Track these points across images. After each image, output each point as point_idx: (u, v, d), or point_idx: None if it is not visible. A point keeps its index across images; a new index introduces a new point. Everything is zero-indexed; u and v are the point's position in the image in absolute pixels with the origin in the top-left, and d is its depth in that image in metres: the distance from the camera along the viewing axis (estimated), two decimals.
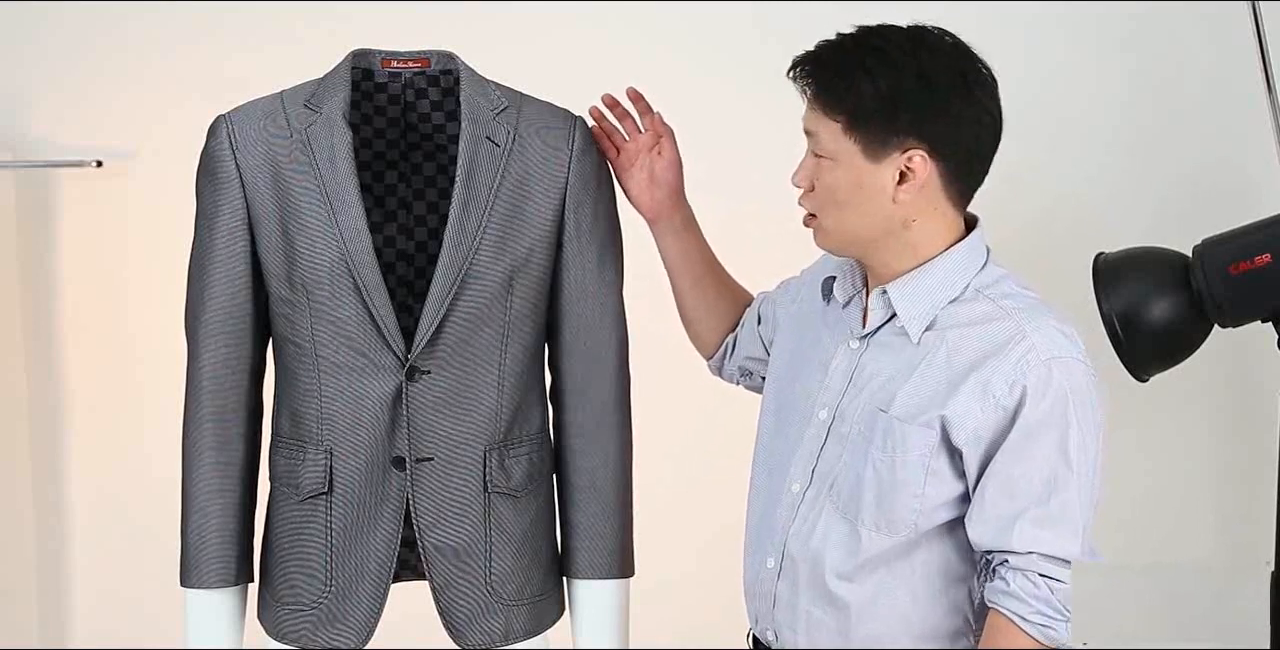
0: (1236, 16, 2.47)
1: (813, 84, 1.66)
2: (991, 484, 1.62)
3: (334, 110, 1.81)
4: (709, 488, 2.85)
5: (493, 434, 1.86)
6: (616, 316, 1.95)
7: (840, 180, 1.66)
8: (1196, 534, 2.84)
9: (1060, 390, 1.60)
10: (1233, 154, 2.71)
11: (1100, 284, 2.25)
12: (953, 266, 1.67)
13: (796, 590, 1.74)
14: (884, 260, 1.70)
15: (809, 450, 1.75)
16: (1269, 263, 2.15)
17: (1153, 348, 2.24)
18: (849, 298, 1.77)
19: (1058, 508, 1.61)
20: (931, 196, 1.66)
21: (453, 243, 1.80)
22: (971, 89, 1.63)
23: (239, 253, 1.83)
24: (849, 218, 1.67)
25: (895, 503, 1.65)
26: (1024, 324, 1.62)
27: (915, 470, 1.64)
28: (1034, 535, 1.61)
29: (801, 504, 1.74)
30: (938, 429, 1.63)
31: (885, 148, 1.63)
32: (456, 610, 1.88)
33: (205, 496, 1.86)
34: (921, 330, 1.67)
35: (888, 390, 1.68)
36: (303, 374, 1.84)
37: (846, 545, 1.69)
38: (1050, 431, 1.60)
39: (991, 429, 1.61)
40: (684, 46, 2.79)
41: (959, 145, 1.64)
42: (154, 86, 2.89)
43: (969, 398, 1.61)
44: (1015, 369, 1.60)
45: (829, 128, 1.65)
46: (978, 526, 1.64)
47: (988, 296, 1.66)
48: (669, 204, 1.97)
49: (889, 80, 1.61)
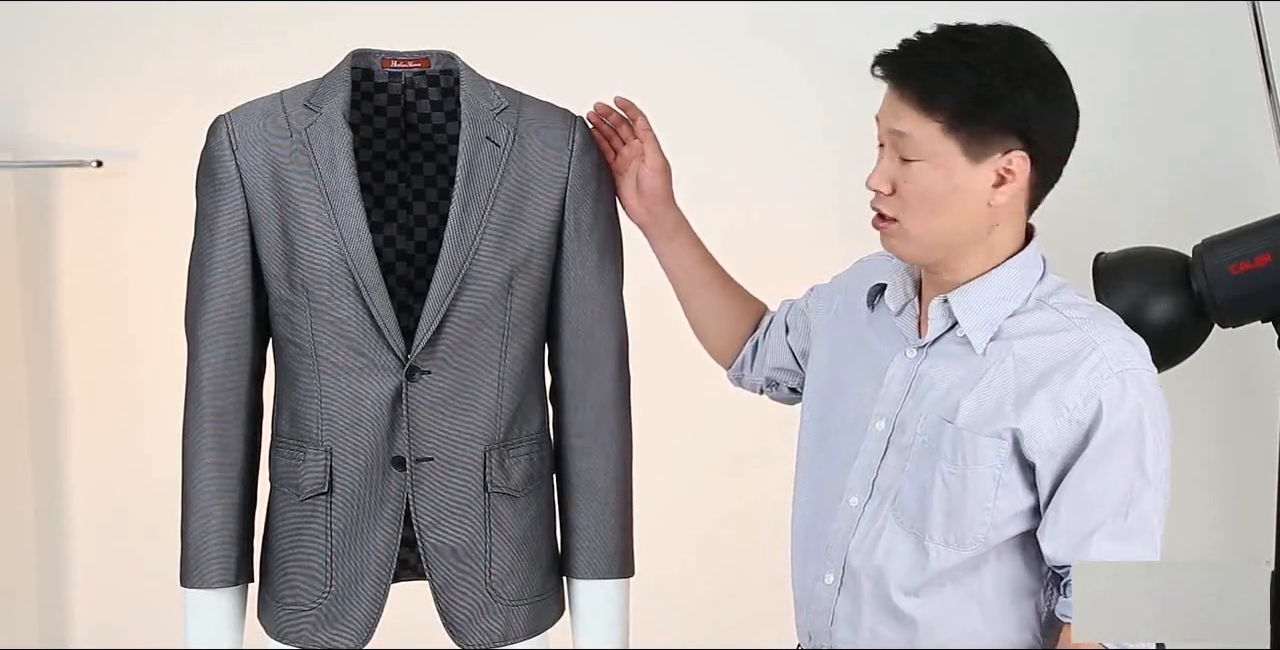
0: (1236, 16, 2.47)
1: (907, 81, 1.60)
2: (1067, 498, 1.59)
3: (334, 110, 1.81)
4: (709, 488, 2.86)
5: (493, 434, 1.86)
6: (616, 316, 1.95)
7: (937, 182, 1.60)
8: (1196, 534, 2.84)
9: (1134, 402, 1.57)
10: (1233, 154, 2.70)
11: (1100, 284, 2.25)
12: (1012, 276, 1.65)
13: (859, 606, 1.70)
14: (957, 266, 1.66)
15: (867, 462, 1.71)
16: (1269, 263, 2.15)
17: (1153, 348, 2.24)
18: (902, 306, 1.73)
19: (1136, 520, 1.58)
20: (1017, 201, 1.63)
21: (453, 243, 1.80)
22: (1064, 83, 1.61)
23: (239, 253, 1.83)
24: (940, 221, 1.62)
25: (965, 516, 1.62)
26: (1093, 335, 1.60)
27: (986, 482, 1.61)
28: (1110, 549, 1.58)
29: (862, 517, 1.70)
30: (1009, 441, 1.60)
31: (987, 148, 1.58)
32: (456, 610, 1.88)
33: (205, 497, 1.86)
34: (986, 340, 1.63)
35: (951, 400, 1.64)
36: (303, 374, 1.84)
37: (913, 560, 1.65)
38: (1126, 445, 1.57)
39: (1066, 443, 1.58)
40: (684, 46, 2.79)
41: (1056, 144, 1.61)
42: (154, 86, 2.89)
43: (1041, 411, 1.58)
44: (1088, 382, 1.57)
45: (926, 129, 1.59)
46: (1052, 541, 1.60)
47: (1052, 306, 1.64)
48: (657, 210, 1.96)
49: (992, 76, 1.56)
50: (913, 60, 1.60)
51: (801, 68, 2.75)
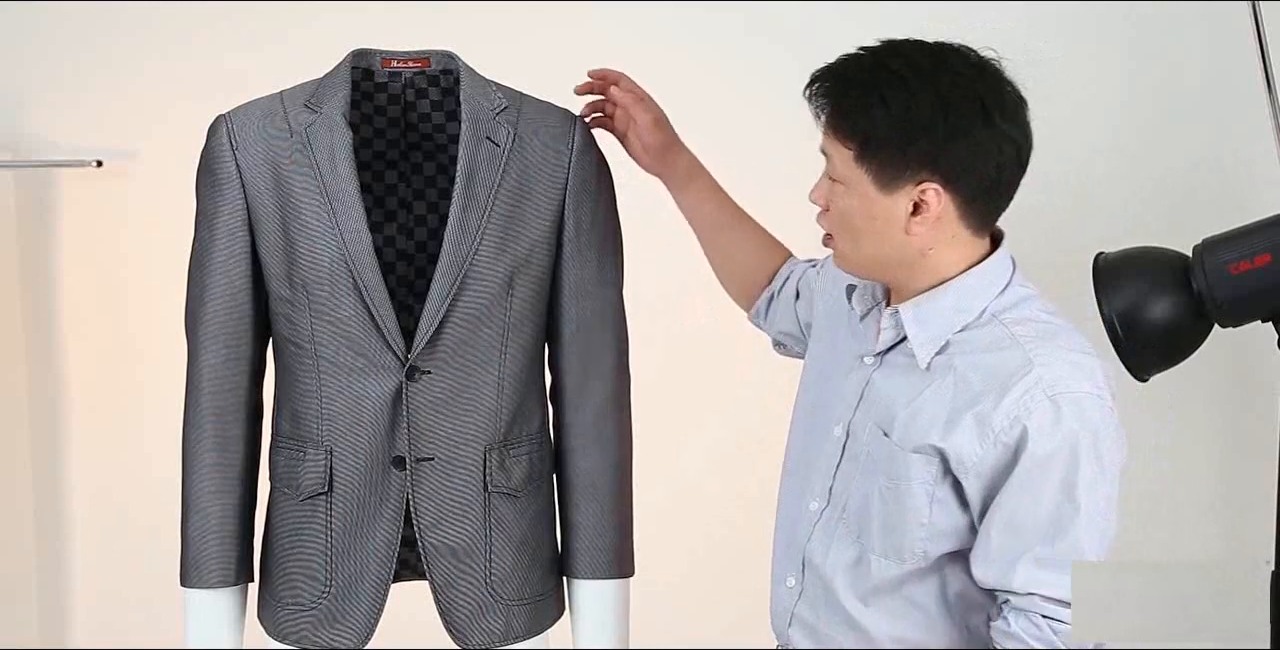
0: (1236, 16, 2.47)
1: (827, 106, 1.58)
2: (996, 521, 1.55)
3: (334, 110, 1.81)
4: (709, 488, 2.86)
5: (493, 434, 1.86)
6: (616, 316, 1.95)
7: (853, 207, 1.59)
8: (1196, 534, 2.84)
9: (1069, 428, 1.52)
10: (1233, 154, 2.70)
11: (1100, 284, 2.24)
12: (968, 291, 1.60)
13: (816, 611, 1.70)
14: (903, 283, 1.64)
15: (826, 467, 1.70)
16: (1269, 263, 2.15)
17: (1153, 348, 2.24)
18: (867, 310, 1.72)
19: (1065, 548, 1.54)
20: (948, 227, 1.58)
21: (453, 243, 1.80)
22: (991, 116, 1.53)
23: (239, 253, 1.83)
24: (863, 245, 1.61)
25: (902, 530, 1.60)
26: (1033, 354, 1.54)
27: (920, 497, 1.59)
28: (1036, 577, 1.54)
29: (819, 523, 1.70)
30: (938, 458, 1.57)
31: (898, 179, 1.55)
32: (456, 610, 1.88)
33: (205, 496, 1.86)
34: (930, 355, 1.60)
35: (890, 412, 1.62)
36: (303, 374, 1.84)
37: (860, 569, 1.65)
38: (1056, 470, 1.53)
39: (992, 464, 1.55)
40: (684, 46, 2.79)
41: (977, 176, 1.55)
42: (154, 86, 2.89)
43: (968, 432, 1.55)
44: (1018, 404, 1.53)
45: (842, 154, 1.58)
46: (980, 565, 1.58)
47: (1002, 321, 1.59)
48: (667, 159, 1.95)
49: (903, 108, 1.52)
50: (831, 86, 1.58)
51: (801, 68, 2.74)
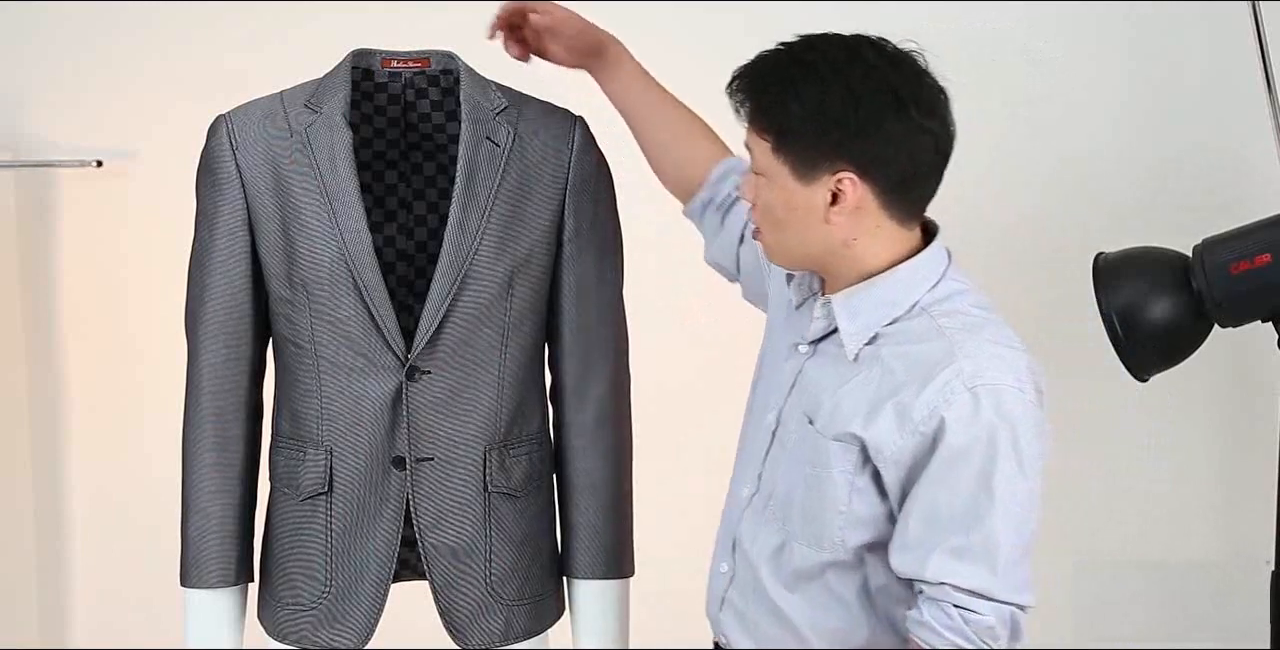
0: (1236, 16, 2.47)
1: (746, 101, 1.60)
2: (913, 511, 1.56)
3: (334, 110, 1.81)
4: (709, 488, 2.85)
5: (493, 434, 1.86)
6: (616, 316, 1.95)
7: (775, 199, 1.61)
8: (1196, 534, 2.84)
9: (987, 419, 1.52)
10: (1233, 154, 2.70)
11: (1100, 284, 2.25)
12: (899, 284, 1.61)
13: (745, 598, 1.71)
14: (833, 274, 1.65)
15: (757, 454, 1.72)
16: (1269, 263, 2.15)
17: (1153, 347, 2.24)
18: (803, 299, 1.73)
19: (979, 540, 1.53)
20: (870, 216, 1.59)
21: (453, 243, 1.80)
22: (906, 107, 1.54)
23: (239, 252, 1.83)
24: (786, 236, 1.62)
25: (822, 518, 1.61)
26: (956, 347, 1.55)
27: (840, 486, 1.60)
28: (949, 567, 1.54)
29: (748, 509, 1.71)
30: (857, 447, 1.58)
31: (814, 170, 1.56)
32: (456, 610, 1.88)
33: (205, 496, 1.86)
34: (859, 347, 1.61)
35: (816, 401, 1.64)
36: (303, 374, 1.84)
37: (784, 557, 1.66)
38: (973, 461, 1.53)
39: (911, 454, 1.55)
40: (684, 46, 2.79)
41: (893, 167, 1.56)
42: (154, 86, 2.89)
43: (888, 421, 1.56)
44: (938, 395, 1.53)
45: (761, 146, 1.60)
46: (897, 554, 1.58)
47: (931, 314, 1.59)
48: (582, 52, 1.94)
49: (815, 100, 1.54)
50: (749, 81, 1.60)
51: None
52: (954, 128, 1.60)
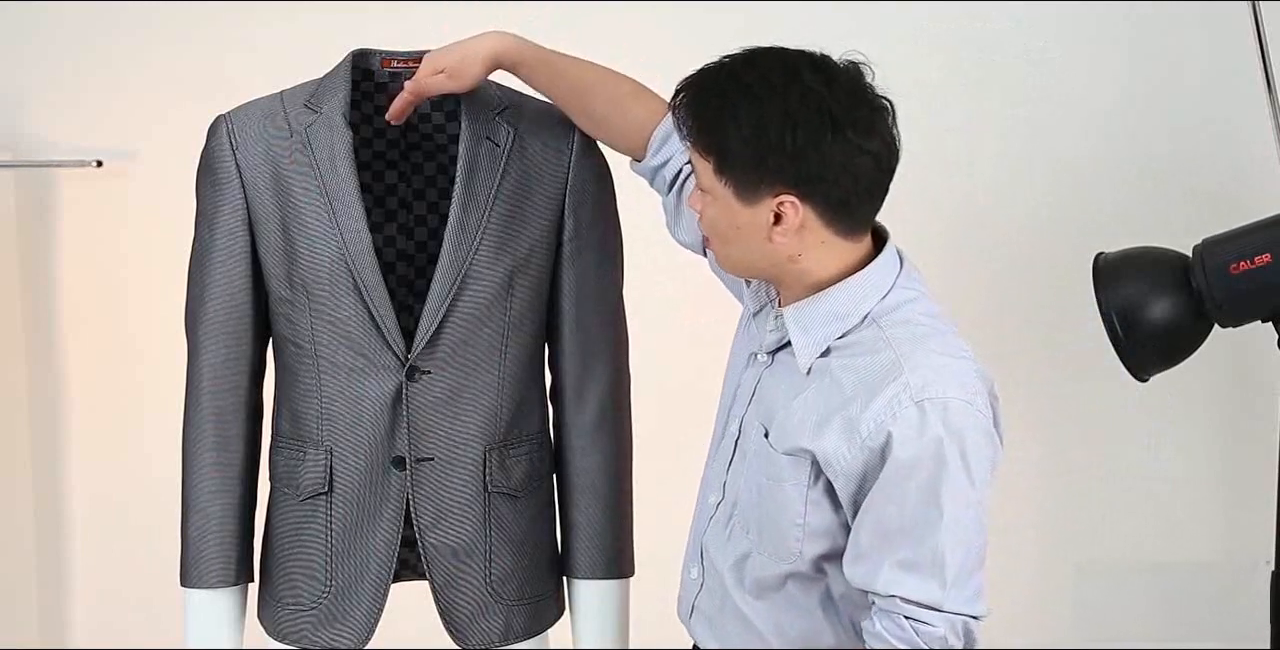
0: (1236, 16, 2.47)
1: (688, 119, 1.59)
2: (865, 523, 1.56)
3: (334, 110, 1.81)
4: None
5: (493, 434, 1.86)
6: (616, 316, 1.95)
7: (719, 217, 1.60)
8: (1196, 534, 2.84)
9: (934, 433, 1.51)
10: (1233, 154, 2.71)
11: (1100, 284, 2.25)
12: (848, 297, 1.60)
13: (714, 603, 1.72)
14: (784, 284, 1.65)
15: (722, 461, 1.73)
16: (1269, 263, 2.15)
17: (1153, 347, 2.24)
18: (760, 307, 1.73)
19: (928, 553, 1.53)
20: (814, 234, 1.58)
21: (453, 243, 1.80)
22: (842, 129, 1.52)
23: (239, 252, 1.83)
24: (733, 252, 1.63)
25: (778, 529, 1.62)
26: (903, 358, 1.54)
27: (794, 498, 1.60)
28: (897, 579, 1.54)
29: (715, 516, 1.72)
30: (808, 460, 1.59)
31: (755, 193, 1.56)
32: (456, 610, 1.88)
33: (205, 496, 1.86)
34: (811, 360, 1.61)
35: (772, 413, 1.64)
36: (303, 374, 1.84)
37: (745, 565, 1.67)
38: (920, 474, 1.52)
39: (861, 467, 1.55)
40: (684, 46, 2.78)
41: (834, 188, 1.55)
42: (154, 86, 2.89)
43: (836, 435, 1.56)
44: (885, 409, 1.53)
45: (703, 166, 1.59)
46: (851, 565, 1.58)
47: (880, 324, 1.59)
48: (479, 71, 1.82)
49: (754, 125, 1.53)
50: (690, 98, 1.59)
51: None
52: (897, 144, 1.58)
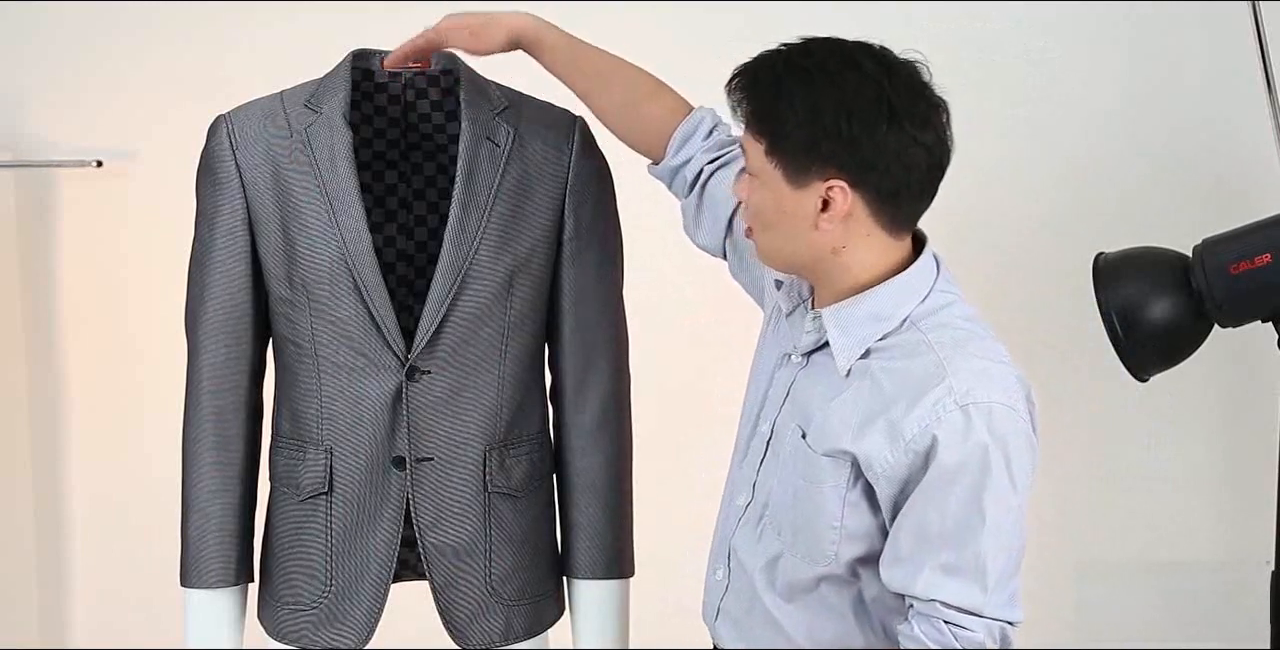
0: (1236, 16, 2.47)
1: (742, 101, 1.59)
2: (905, 527, 1.55)
3: (334, 110, 1.81)
4: (710, 488, 2.85)
5: (493, 434, 1.86)
6: (616, 316, 1.95)
7: (766, 201, 1.59)
8: (1196, 534, 2.84)
9: (979, 438, 1.51)
10: (1233, 154, 2.71)
11: (1100, 284, 2.25)
12: (888, 299, 1.59)
13: (741, 605, 1.71)
14: (822, 282, 1.64)
15: (753, 463, 1.71)
16: (1269, 263, 2.15)
17: (1153, 347, 2.24)
18: (793, 307, 1.71)
19: (969, 558, 1.53)
20: (860, 225, 1.57)
21: (453, 243, 1.80)
22: (900, 120, 1.52)
23: (239, 252, 1.83)
24: (774, 239, 1.61)
25: (814, 531, 1.60)
26: (946, 363, 1.53)
27: (832, 500, 1.59)
28: (938, 583, 1.54)
29: (743, 518, 1.71)
30: (849, 462, 1.58)
31: (806, 176, 1.55)
32: (456, 610, 1.88)
33: (205, 496, 1.87)
34: (850, 362, 1.60)
35: (808, 414, 1.63)
36: (303, 374, 1.84)
37: (776, 567, 1.66)
38: (964, 479, 1.52)
39: (905, 470, 1.55)
40: (684, 46, 2.79)
41: (885, 178, 1.54)
42: (154, 86, 2.89)
43: (879, 437, 1.55)
44: (930, 413, 1.52)
45: (755, 148, 1.59)
46: (888, 568, 1.58)
47: (920, 328, 1.58)
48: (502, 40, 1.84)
49: (809, 108, 1.52)
50: (746, 81, 1.59)
51: None
52: (951, 142, 1.58)
